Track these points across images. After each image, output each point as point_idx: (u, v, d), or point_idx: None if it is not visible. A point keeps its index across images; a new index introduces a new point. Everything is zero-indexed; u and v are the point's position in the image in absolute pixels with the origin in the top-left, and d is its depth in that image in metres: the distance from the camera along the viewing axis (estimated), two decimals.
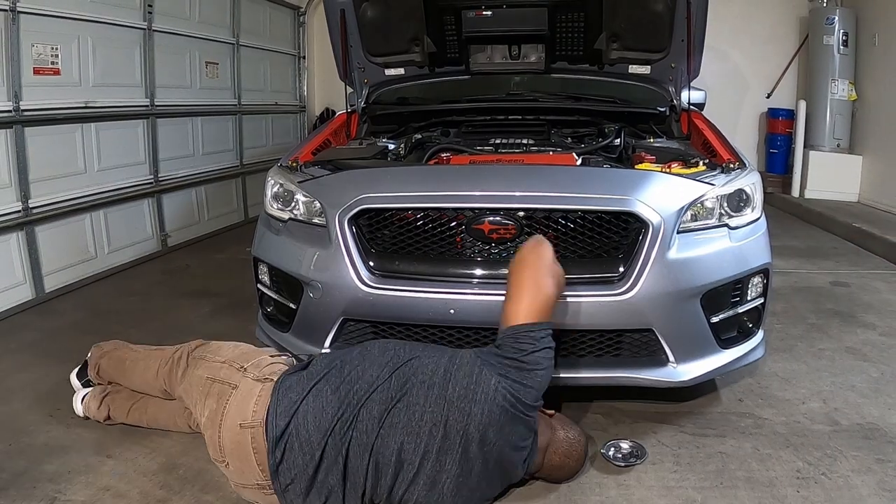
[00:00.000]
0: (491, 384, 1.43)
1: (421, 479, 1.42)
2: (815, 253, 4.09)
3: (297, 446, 1.40)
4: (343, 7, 2.62)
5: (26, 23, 2.90)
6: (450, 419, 1.41)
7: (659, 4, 2.45)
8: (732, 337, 1.91)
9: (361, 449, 1.41)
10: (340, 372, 1.49)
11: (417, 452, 1.41)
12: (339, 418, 1.41)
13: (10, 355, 2.44)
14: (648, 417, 1.97)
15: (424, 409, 1.42)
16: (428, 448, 1.41)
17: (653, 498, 1.58)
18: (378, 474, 1.42)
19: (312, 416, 1.41)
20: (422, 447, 1.41)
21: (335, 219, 1.85)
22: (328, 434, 1.40)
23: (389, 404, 1.43)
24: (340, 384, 1.46)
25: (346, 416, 1.41)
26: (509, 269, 1.62)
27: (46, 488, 1.62)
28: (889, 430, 1.90)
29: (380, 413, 1.42)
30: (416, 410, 1.42)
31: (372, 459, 1.41)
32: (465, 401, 1.42)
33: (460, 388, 1.43)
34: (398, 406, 1.43)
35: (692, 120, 2.57)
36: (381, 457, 1.41)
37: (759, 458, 1.75)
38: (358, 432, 1.41)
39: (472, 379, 1.44)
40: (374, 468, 1.42)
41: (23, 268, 3.01)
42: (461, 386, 1.43)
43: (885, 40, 5.08)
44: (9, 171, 2.90)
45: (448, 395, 1.43)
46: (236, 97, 4.87)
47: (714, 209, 1.86)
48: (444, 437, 1.41)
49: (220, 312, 2.94)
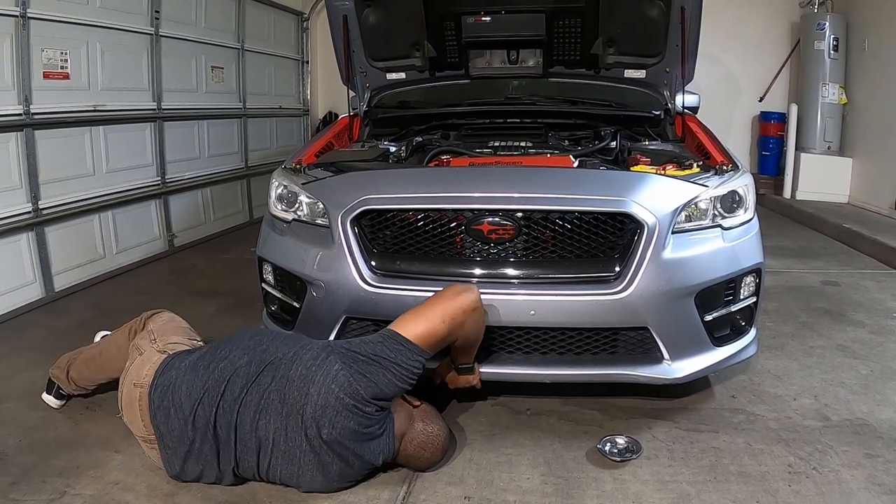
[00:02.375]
0: (332, 369, 1.52)
1: (279, 455, 1.53)
2: (806, 253, 4.12)
3: (173, 412, 1.56)
4: (345, 13, 2.66)
5: (36, 28, 2.96)
6: (288, 397, 1.52)
7: (654, 10, 2.48)
8: (726, 335, 1.94)
9: (227, 424, 1.54)
10: (215, 352, 1.65)
11: (269, 429, 1.53)
12: (206, 391, 1.56)
13: (20, 353, 2.48)
14: (644, 413, 2.00)
15: (271, 388, 1.54)
16: (277, 425, 1.52)
17: (648, 492, 1.61)
18: (244, 449, 1.55)
19: (185, 386, 1.57)
20: (272, 424, 1.53)
21: (338, 219, 1.89)
22: (197, 404, 1.55)
23: (247, 383, 1.56)
24: (211, 362, 1.61)
25: (213, 391, 1.56)
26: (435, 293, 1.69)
27: (56, 483, 1.65)
28: (878, 426, 1.92)
29: (239, 391, 1.55)
30: (265, 389, 1.54)
31: (236, 435, 1.54)
32: (304, 381, 1.52)
33: (303, 370, 1.54)
34: (253, 385, 1.55)
35: (686, 123, 2.60)
36: (242, 432, 1.54)
37: (751, 453, 1.78)
38: (222, 409, 1.55)
39: (316, 362, 1.54)
40: (240, 443, 1.55)
41: (33, 267, 3.06)
42: (304, 367, 1.54)
43: (874, 45, 5.13)
44: (19, 173, 2.96)
45: (291, 374, 1.54)
46: (241, 101, 4.93)
47: (708, 210, 1.89)
48: (288, 414, 1.51)
49: (225, 311, 2.98)
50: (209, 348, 1.70)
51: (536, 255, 1.87)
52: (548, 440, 1.86)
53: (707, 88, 4.03)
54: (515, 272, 1.85)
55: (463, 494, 1.61)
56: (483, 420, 1.97)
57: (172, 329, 1.83)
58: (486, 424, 1.95)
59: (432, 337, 1.61)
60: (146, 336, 1.77)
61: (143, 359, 1.68)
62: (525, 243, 1.86)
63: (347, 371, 1.52)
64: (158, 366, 1.63)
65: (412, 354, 1.58)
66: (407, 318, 1.64)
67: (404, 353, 1.57)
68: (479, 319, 1.70)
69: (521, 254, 1.87)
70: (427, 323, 1.61)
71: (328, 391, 1.50)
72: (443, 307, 1.63)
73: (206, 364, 1.61)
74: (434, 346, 1.63)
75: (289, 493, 1.60)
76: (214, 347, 1.68)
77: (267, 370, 1.57)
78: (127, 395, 1.64)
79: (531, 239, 1.86)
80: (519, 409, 2.04)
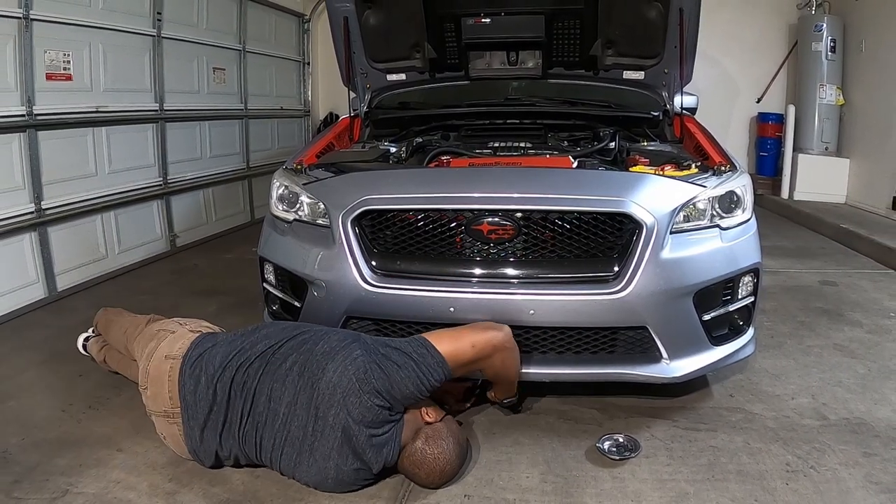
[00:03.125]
0: (354, 353, 1.58)
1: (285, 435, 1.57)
2: (803, 253, 4.13)
3: (204, 379, 1.63)
4: (346, 15, 2.67)
5: (39, 30, 2.98)
6: (307, 369, 1.58)
7: (652, 12, 2.49)
8: (724, 334, 1.95)
9: (245, 390, 1.61)
10: (254, 330, 1.74)
11: (282, 402, 1.58)
12: (237, 353, 1.65)
13: (23, 352, 2.49)
14: (642, 412, 2.01)
15: (295, 359, 1.62)
16: (290, 399, 1.57)
17: (647, 490, 1.62)
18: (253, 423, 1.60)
19: (220, 354, 1.66)
20: (286, 396, 1.58)
21: (338, 220, 1.90)
22: (224, 366, 1.63)
23: (272, 353, 1.64)
24: (249, 336, 1.70)
25: (243, 354, 1.64)
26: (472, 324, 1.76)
27: (59, 481, 1.66)
28: (875, 425, 1.93)
29: (261, 363, 1.63)
30: (289, 358, 1.62)
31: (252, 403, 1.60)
32: (325, 357, 1.59)
33: (328, 347, 1.61)
34: (275, 356, 1.64)
35: (685, 124, 2.61)
36: (258, 402, 1.60)
37: (749, 451, 1.79)
38: (246, 373, 1.62)
39: (342, 343, 1.62)
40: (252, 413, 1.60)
41: (36, 267, 3.08)
42: (329, 345, 1.62)
43: (871, 47, 5.15)
44: (22, 174, 2.97)
45: (316, 348, 1.62)
46: (243, 102, 4.95)
47: (706, 210, 1.90)
48: (303, 387, 1.56)
49: (227, 310, 2.99)
50: (243, 330, 1.77)
51: (536, 254, 1.88)
52: (547, 439, 1.87)
53: (705, 89, 4.05)
54: (515, 272, 1.86)
55: (463, 493, 1.62)
56: (483, 419, 1.98)
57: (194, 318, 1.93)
58: (485, 423, 1.96)
59: (459, 356, 1.63)
60: (173, 322, 1.86)
61: (175, 336, 1.76)
62: (524, 243, 1.87)
63: (366, 358, 1.56)
64: (194, 339, 1.72)
65: (434, 363, 1.59)
66: (440, 332, 1.70)
67: (427, 357, 1.59)
68: (508, 357, 1.73)
69: (520, 254, 1.88)
70: (456, 342, 1.65)
71: (344, 370, 1.54)
72: (473, 334, 1.68)
73: (244, 336, 1.71)
74: (458, 366, 1.65)
75: (289, 490, 1.61)
76: (250, 331, 1.75)
77: (292, 343, 1.65)
78: (156, 369, 1.69)
79: (531, 239, 1.87)
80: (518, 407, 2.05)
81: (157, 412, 1.70)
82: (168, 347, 1.72)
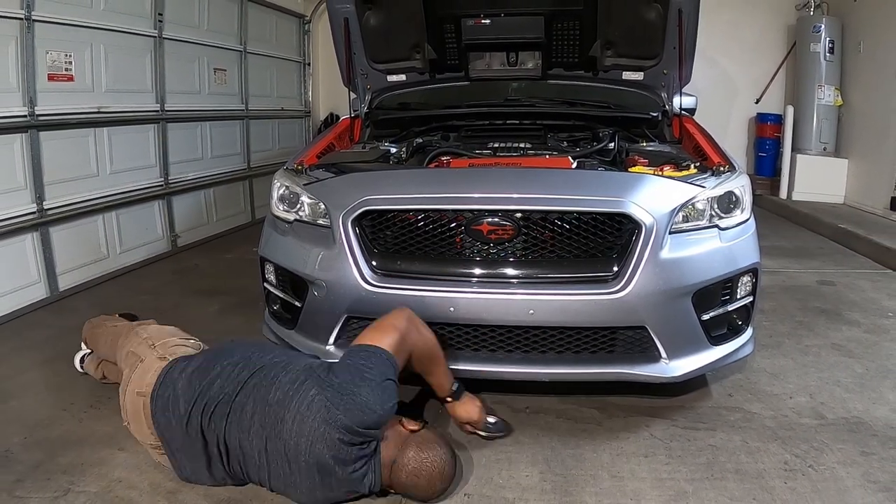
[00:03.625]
0: (308, 395, 1.52)
1: (267, 471, 1.54)
2: (802, 253, 4.14)
3: (174, 422, 1.59)
4: (347, 16, 2.68)
5: (41, 31, 2.99)
6: (266, 419, 1.53)
7: (651, 13, 2.50)
8: (722, 334, 1.95)
9: (214, 440, 1.57)
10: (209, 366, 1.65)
11: (253, 449, 1.54)
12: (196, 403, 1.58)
13: (25, 352, 2.50)
14: (641, 411, 2.02)
15: (253, 409, 1.55)
16: (260, 447, 1.54)
17: (645, 489, 1.62)
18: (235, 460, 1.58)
19: (182, 399, 1.59)
20: (255, 445, 1.54)
21: (339, 220, 1.91)
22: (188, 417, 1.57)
23: (230, 402, 1.57)
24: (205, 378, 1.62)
25: (208, 405, 1.58)
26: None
27: (61, 480, 1.66)
28: (873, 424, 1.94)
29: (223, 411, 1.57)
30: (247, 410, 1.56)
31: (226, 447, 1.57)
32: (279, 406, 1.52)
33: (280, 395, 1.54)
34: (234, 404, 1.57)
35: (684, 124, 2.62)
36: (232, 447, 1.57)
37: (748, 450, 1.80)
38: (211, 426, 1.57)
39: (293, 386, 1.55)
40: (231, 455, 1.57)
41: (37, 267, 3.09)
42: (281, 392, 1.55)
43: (869, 48, 5.16)
44: (24, 174, 2.98)
45: (269, 398, 1.54)
46: (244, 102, 4.96)
47: (705, 210, 1.90)
48: (268, 437, 1.52)
49: (228, 310, 3.00)
50: (204, 359, 1.68)
51: (535, 255, 1.88)
52: (546, 438, 1.88)
53: (704, 90, 4.05)
54: (514, 272, 1.86)
55: (462, 492, 1.63)
56: None
57: (168, 332, 1.84)
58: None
59: (391, 343, 1.59)
60: (143, 343, 1.76)
61: (144, 366, 1.68)
62: (524, 243, 1.88)
63: (322, 396, 1.50)
64: (161, 371, 1.65)
65: (381, 355, 1.55)
66: (361, 335, 1.65)
67: (372, 357, 1.55)
68: (421, 326, 1.69)
69: (520, 254, 1.89)
70: (380, 332, 1.62)
71: (303, 419, 1.49)
72: (384, 319, 1.66)
73: (200, 380, 1.62)
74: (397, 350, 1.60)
75: None
76: (210, 360, 1.67)
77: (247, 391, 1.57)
78: (132, 405, 1.65)
79: (530, 239, 1.87)
80: (518, 407, 2.06)
81: (144, 444, 1.69)
82: (138, 382, 1.66)
